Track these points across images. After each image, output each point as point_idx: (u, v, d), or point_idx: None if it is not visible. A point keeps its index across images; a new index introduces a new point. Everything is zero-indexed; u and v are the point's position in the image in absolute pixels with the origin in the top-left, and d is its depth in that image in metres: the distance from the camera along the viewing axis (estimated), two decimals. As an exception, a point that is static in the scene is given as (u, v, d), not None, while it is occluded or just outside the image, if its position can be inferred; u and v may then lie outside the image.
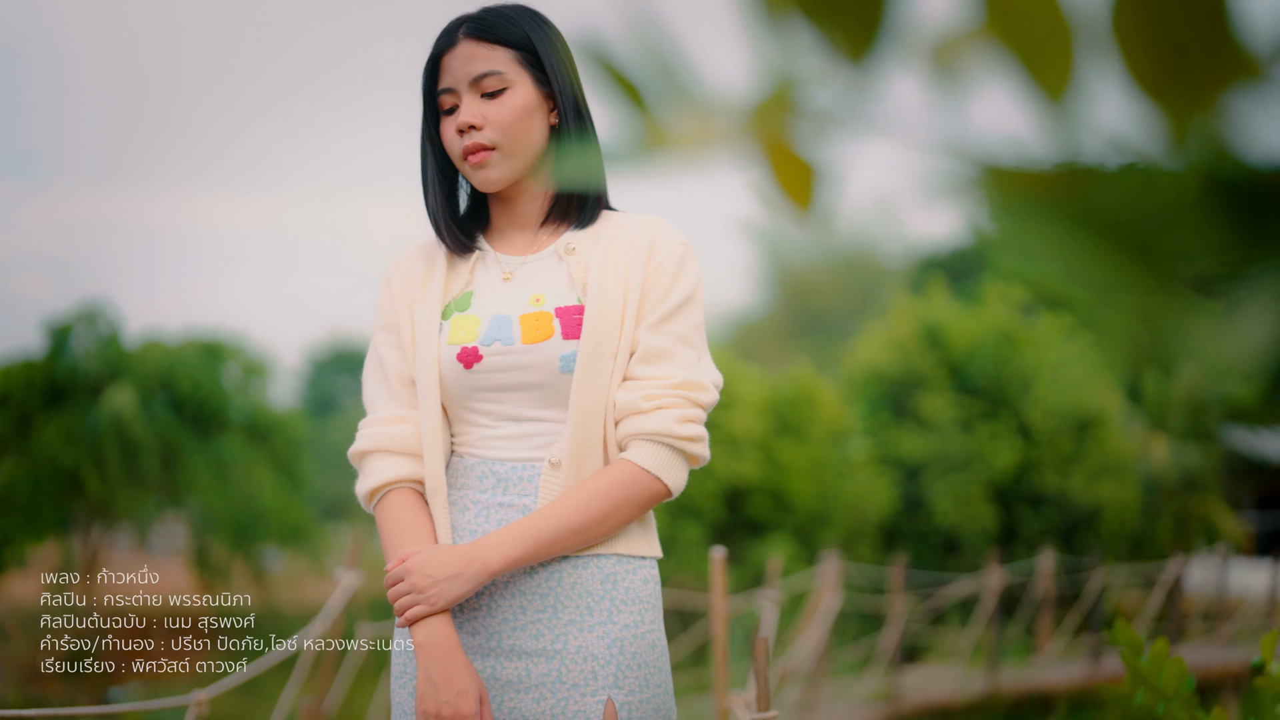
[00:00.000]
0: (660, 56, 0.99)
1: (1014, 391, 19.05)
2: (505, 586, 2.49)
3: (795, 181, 1.00)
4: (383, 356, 2.62)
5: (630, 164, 1.04)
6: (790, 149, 0.98)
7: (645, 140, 1.01)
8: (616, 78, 0.99)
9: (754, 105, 0.97)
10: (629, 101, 1.00)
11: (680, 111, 0.99)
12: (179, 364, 22.82)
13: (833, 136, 0.97)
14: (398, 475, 2.55)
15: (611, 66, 0.99)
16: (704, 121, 0.99)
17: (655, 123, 1.00)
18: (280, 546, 24.88)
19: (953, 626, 16.76)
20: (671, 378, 2.49)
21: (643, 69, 0.99)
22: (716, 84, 1.00)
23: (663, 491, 2.50)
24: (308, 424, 28.15)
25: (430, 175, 2.64)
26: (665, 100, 0.99)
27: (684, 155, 1.02)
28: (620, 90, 0.99)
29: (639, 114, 1.00)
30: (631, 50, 0.98)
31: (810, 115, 0.96)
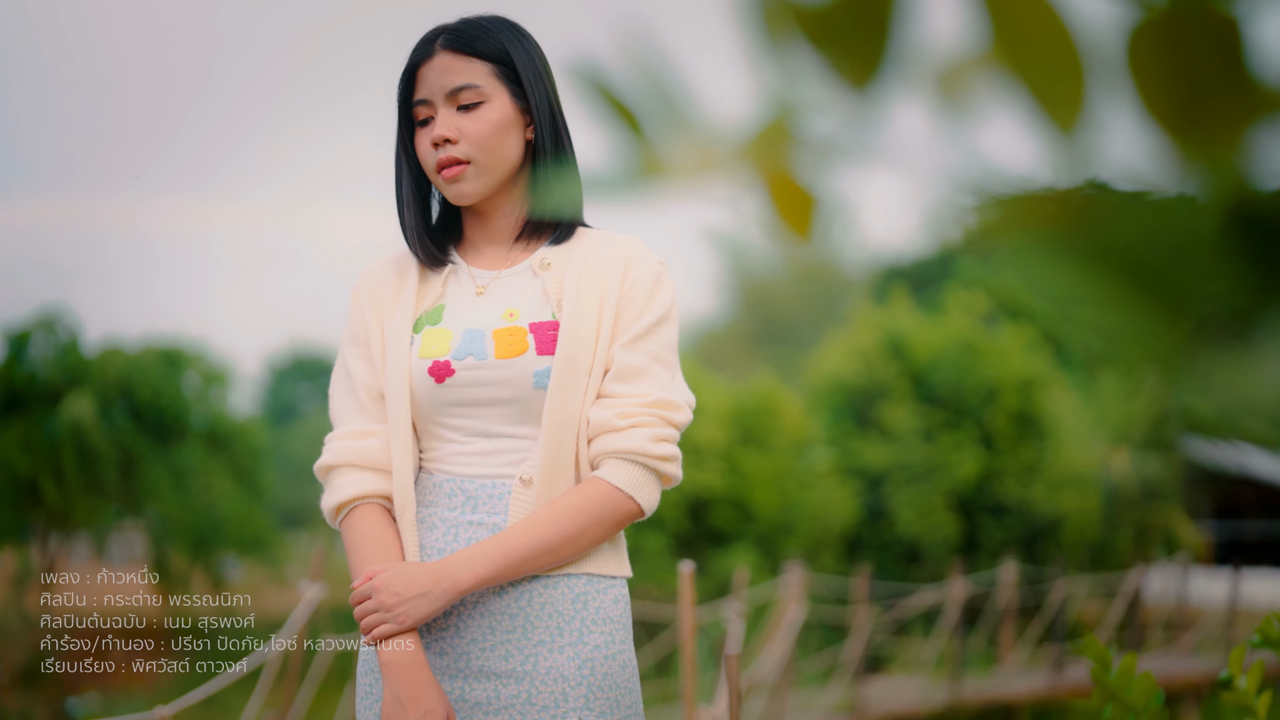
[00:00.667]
0: (657, 82, 0.96)
1: (976, 401, 19.11)
2: (474, 606, 2.46)
3: (795, 211, 0.98)
4: (351, 369, 2.58)
5: (625, 192, 1.01)
6: (791, 178, 0.95)
7: (641, 167, 0.99)
8: (613, 104, 0.97)
9: (753, 133, 0.95)
10: (625, 128, 0.97)
11: (677, 139, 0.97)
12: (138, 371, 22.67)
13: (835, 165, 0.95)
14: (365, 490, 2.51)
15: (608, 92, 0.96)
16: (702, 149, 0.96)
17: (651, 150, 0.97)
18: (239, 556, 24.74)
19: (915, 637, 16.79)
20: (646, 396, 2.47)
21: (639, 95, 0.96)
22: (715, 111, 0.97)
23: (635, 511, 2.48)
24: (268, 432, 28.01)
25: (405, 187, 2.61)
26: (662, 127, 0.97)
27: (681, 183, 1.00)
28: (616, 116, 0.97)
29: (635, 141, 0.97)
30: (628, 75, 0.96)
31: (812, 144, 0.94)
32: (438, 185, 2.56)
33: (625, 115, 0.97)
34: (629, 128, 0.98)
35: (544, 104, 2.55)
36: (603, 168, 1.01)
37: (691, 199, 1.03)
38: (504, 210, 2.60)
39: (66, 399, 21.68)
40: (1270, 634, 2.49)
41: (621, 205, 1.01)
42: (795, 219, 0.99)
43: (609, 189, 1.01)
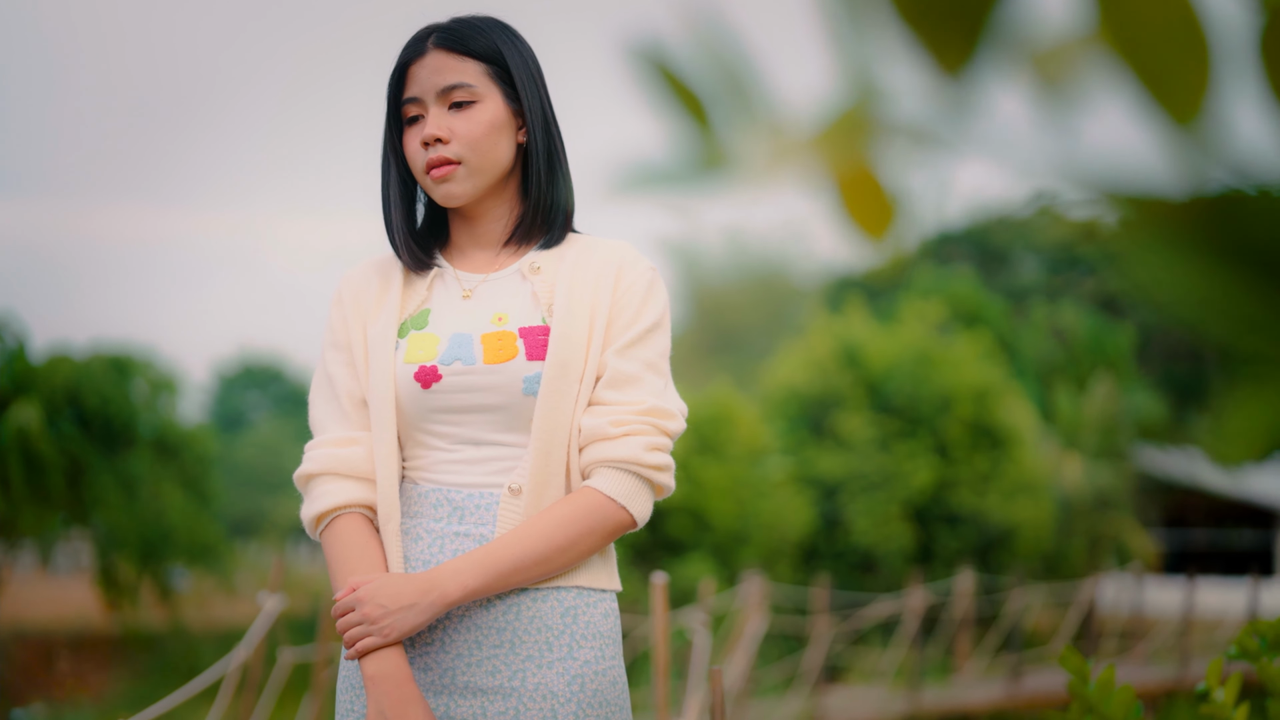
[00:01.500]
0: (726, 64, 0.89)
1: (931, 410, 19.16)
2: (460, 620, 2.39)
3: (871, 208, 0.91)
4: (333, 375, 2.51)
5: (687, 184, 0.94)
6: (869, 171, 0.89)
7: (705, 158, 0.92)
8: (676, 87, 0.90)
9: (830, 120, 0.88)
10: (688, 114, 0.91)
11: (746, 126, 0.90)
12: (86, 379, 22.46)
13: (922, 156, 0.88)
14: (347, 500, 2.44)
15: (671, 74, 0.90)
16: (773, 138, 0.90)
17: (716, 140, 0.91)
18: (188, 565, 24.55)
19: (872, 647, 16.79)
20: (640, 404, 2.41)
21: (705, 78, 0.89)
22: (788, 96, 0.91)
23: (628, 522, 2.42)
24: (216, 440, 27.78)
25: (392, 188, 2.54)
26: (729, 113, 0.90)
27: (749, 175, 0.93)
28: (679, 101, 0.90)
29: (698, 129, 0.91)
30: (693, 57, 0.89)
31: (897, 132, 0.87)
32: (425, 186, 2.50)
33: (689, 100, 0.91)
34: (692, 114, 0.91)
35: (537, 106, 2.50)
36: (663, 158, 0.94)
37: (760, 192, 0.96)
38: (493, 214, 2.54)
39: (13, 407, 21.43)
40: (1248, 646, 2.46)
41: (683, 199, 0.95)
42: (870, 216, 0.93)
43: (669, 182, 0.95)
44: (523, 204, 2.54)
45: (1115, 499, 22.20)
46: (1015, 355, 23.40)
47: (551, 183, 2.52)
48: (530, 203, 2.51)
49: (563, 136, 2.55)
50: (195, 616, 25.12)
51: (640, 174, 0.95)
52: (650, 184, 0.95)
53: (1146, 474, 25.60)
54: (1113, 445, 22.93)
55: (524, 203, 2.54)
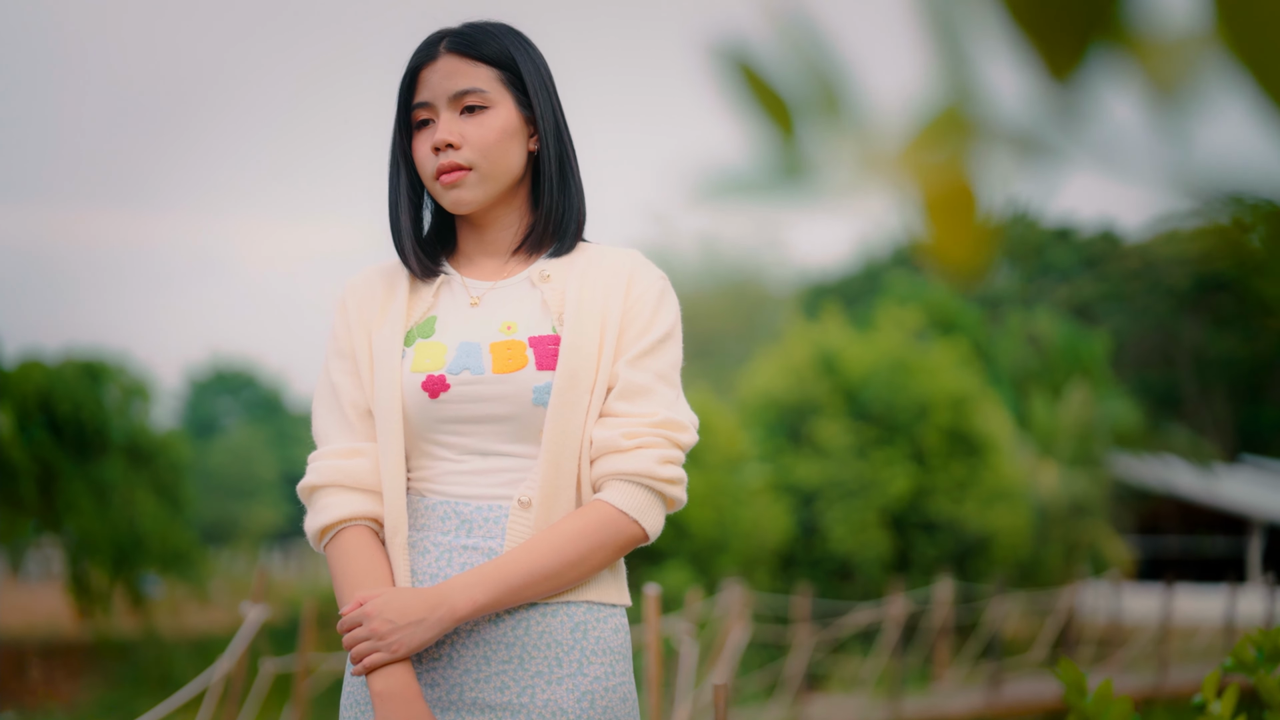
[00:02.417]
0: (814, 65, 0.85)
1: (908, 417, 19.17)
2: (468, 635, 2.35)
3: (961, 223, 0.86)
4: (337, 384, 2.46)
5: (768, 193, 0.90)
6: (963, 182, 0.84)
7: (787, 166, 0.87)
8: (760, 90, 0.85)
9: (923, 126, 0.84)
10: (772, 119, 0.86)
11: (833, 132, 0.86)
12: (58, 384, 22.30)
13: (1026, 165, 0.84)
14: (352, 512, 2.39)
15: (755, 76, 0.85)
16: (861, 145, 0.85)
17: (799, 146, 0.86)
18: (161, 573, 24.41)
19: (851, 655, 16.78)
20: (653, 416, 2.38)
21: (792, 80, 0.85)
22: (878, 98, 0.86)
23: (640, 536, 2.38)
24: (188, 446, 27.64)
25: (402, 193, 2.49)
26: (816, 118, 0.85)
27: (834, 184, 0.88)
28: (764, 105, 0.86)
29: (781, 135, 0.86)
30: (780, 57, 0.84)
31: (998, 139, 0.83)
32: (434, 192, 2.46)
33: (773, 103, 0.86)
34: (776, 118, 0.86)
35: (549, 113, 2.46)
36: (745, 165, 0.90)
37: (844, 204, 0.91)
38: (502, 222, 2.50)
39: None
40: (1244, 657, 2.43)
41: (763, 207, 0.90)
42: (960, 233, 0.88)
43: (751, 190, 0.90)
44: (533, 212, 2.50)
45: (1090, 506, 22.24)
46: (991, 362, 23.44)
47: (563, 191, 2.48)
48: (541, 211, 2.48)
49: (574, 144, 2.52)
50: (168, 624, 24.98)
51: (721, 182, 0.90)
52: (731, 192, 0.90)
53: (1121, 481, 25.68)
54: (1088, 452, 22.98)
55: (534, 211, 2.50)
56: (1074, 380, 24.24)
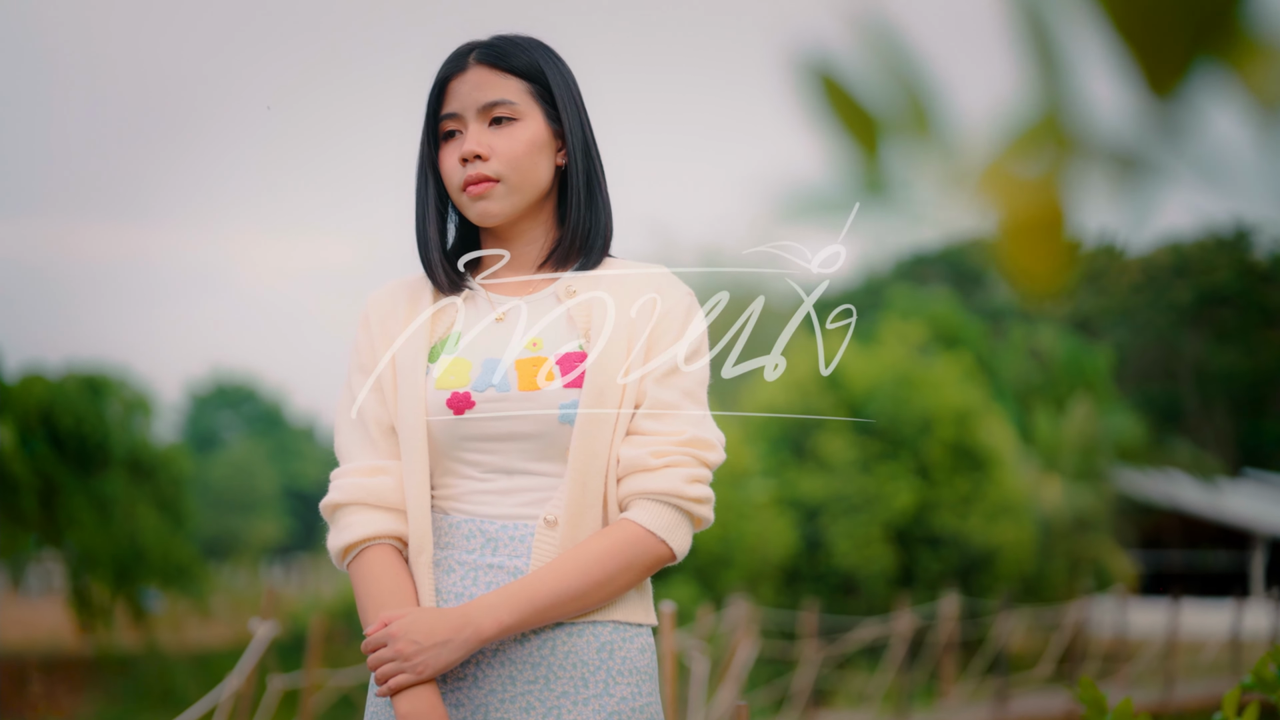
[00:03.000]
0: (898, 76, 0.82)
1: (912, 432, 19.13)
2: (493, 655, 2.33)
3: (1047, 241, 0.83)
4: (359, 401, 2.43)
5: (848, 211, 0.87)
6: (1051, 198, 0.81)
7: (867, 183, 0.84)
8: (842, 102, 0.82)
9: (1012, 140, 0.81)
10: (853, 133, 0.83)
11: (916, 147, 0.83)
12: (60, 399, 22.28)
13: (1122, 180, 0.81)
14: (376, 531, 2.37)
15: (838, 87, 0.82)
16: (947, 160, 0.82)
17: (879, 162, 0.83)
18: (162, 587, 24.37)
19: (858, 670, 16.72)
20: (680, 434, 2.35)
21: (875, 92, 0.82)
22: (964, 112, 0.83)
23: (667, 555, 2.36)
24: (189, 460, 27.61)
25: (430, 204, 2.47)
26: (899, 132, 0.82)
27: (917, 202, 0.85)
28: (846, 119, 0.82)
29: (861, 150, 0.83)
30: (862, 69, 0.81)
31: (1093, 154, 0.80)
32: (460, 204, 2.43)
33: (855, 116, 0.83)
34: (857, 133, 0.83)
35: (577, 128, 2.45)
36: (824, 181, 0.87)
37: (926, 222, 0.88)
38: (528, 236, 2.47)
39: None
40: (1264, 675, 2.40)
41: (839, 226, 0.87)
42: (1045, 251, 0.85)
43: (829, 208, 0.87)
44: (559, 228, 2.48)
45: (1094, 520, 22.20)
46: (994, 376, 23.39)
47: (590, 206, 2.46)
48: (568, 226, 2.45)
49: (602, 160, 2.50)
50: (169, 639, 24.94)
51: (801, 200, 0.87)
52: (811, 210, 0.87)
53: (1124, 495, 25.64)
54: (1091, 467, 22.94)
55: (560, 226, 2.48)
56: (1077, 394, 24.21)
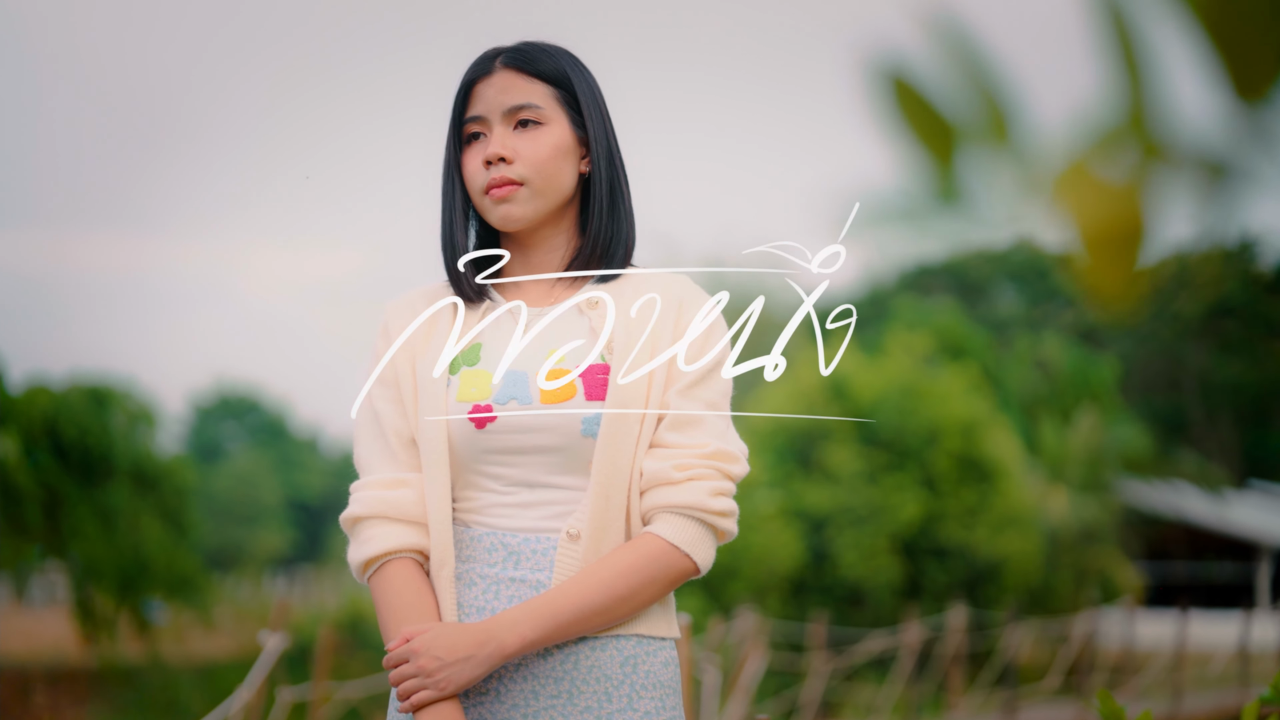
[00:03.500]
0: (977, 81, 0.79)
1: (918, 443, 19.10)
2: (516, 670, 2.31)
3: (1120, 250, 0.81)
4: (380, 413, 2.41)
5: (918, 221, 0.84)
6: (1130, 205, 0.78)
7: (940, 191, 0.82)
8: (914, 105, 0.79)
9: (1091, 146, 0.78)
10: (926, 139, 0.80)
11: (997, 153, 0.80)
12: (64, 410, 22.26)
13: (1205, 187, 0.78)
14: (398, 544, 2.34)
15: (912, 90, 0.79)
16: (1024, 166, 0.79)
17: (953, 169, 0.80)
18: (166, 598, 24.35)
19: (864, 682, 16.66)
20: (704, 447, 2.33)
21: (949, 96, 0.79)
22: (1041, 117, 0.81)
23: (691, 569, 2.34)
24: (193, 471, 27.61)
25: (457, 209, 2.44)
26: (978, 138, 0.80)
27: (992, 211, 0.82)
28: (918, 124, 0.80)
29: (934, 157, 0.80)
30: (936, 72, 0.79)
31: (1177, 160, 0.77)
32: (482, 208, 2.41)
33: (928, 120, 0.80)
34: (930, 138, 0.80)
35: (602, 136, 2.43)
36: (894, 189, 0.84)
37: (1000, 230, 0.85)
38: (550, 243, 2.45)
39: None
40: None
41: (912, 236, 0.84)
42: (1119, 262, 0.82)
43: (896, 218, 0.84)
44: (580, 236, 2.45)
45: (1100, 532, 22.16)
46: (999, 388, 23.35)
47: (613, 215, 2.44)
48: (590, 235, 2.43)
49: (627, 170, 2.48)
50: (173, 650, 24.92)
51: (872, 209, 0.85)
52: (882, 221, 0.84)
53: (1129, 506, 25.59)
54: (1097, 478, 22.90)
55: (582, 235, 2.46)
56: (1083, 406, 24.17)
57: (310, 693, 6.84)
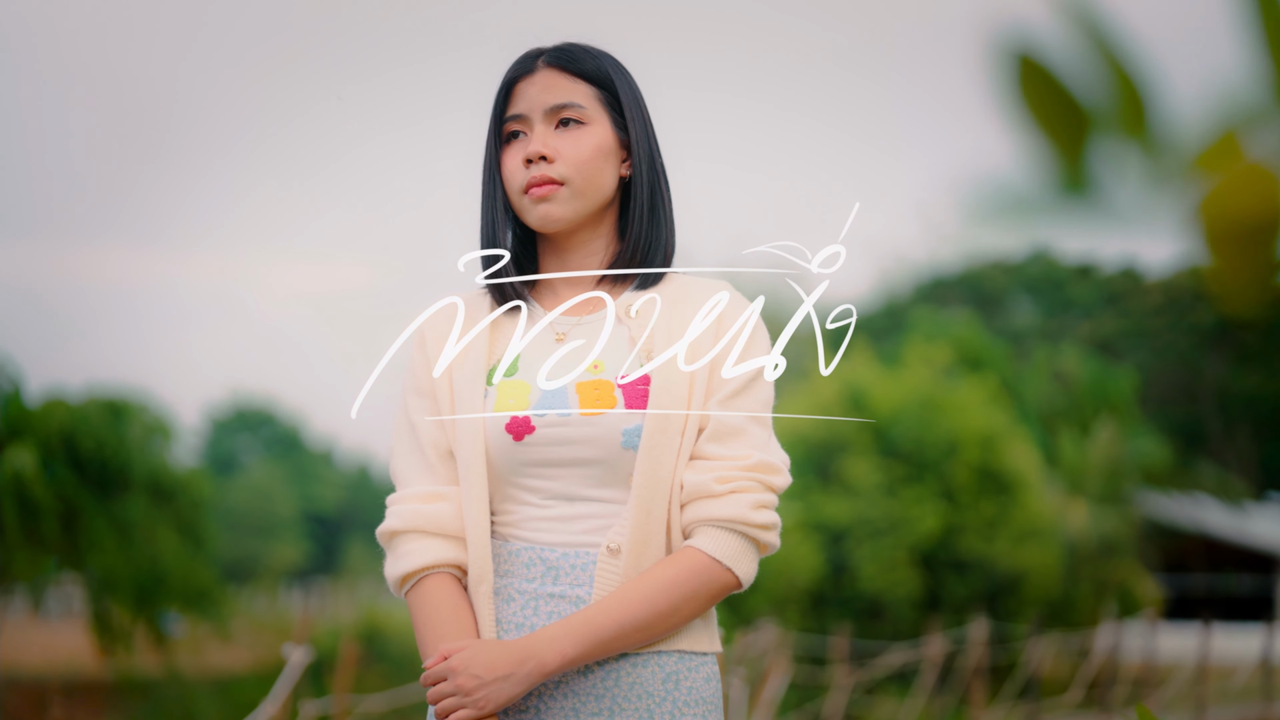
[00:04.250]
0: (1111, 62, 0.73)
1: (937, 455, 19.01)
2: (556, 687, 2.27)
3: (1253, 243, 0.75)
4: (416, 425, 2.37)
5: (1044, 212, 0.78)
6: (1269, 194, 0.73)
7: (1066, 180, 0.76)
8: (1046, 88, 0.74)
9: (1229, 133, 0.72)
10: (1053, 122, 0.74)
11: (1132, 139, 0.74)
12: (82, 422, 22.31)
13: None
14: (435, 559, 2.30)
15: (1042, 70, 0.73)
16: (1158, 154, 0.74)
17: (1081, 156, 0.74)
18: (182, 611, 24.36)
19: (885, 696, 16.58)
20: (746, 459, 2.29)
21: (1081, 78, 0.73)
22: (1176, 102, 0.75)
23: (733, 584, 2.31)
24: (209, 484, 27.64)
25: (499, 209, 2.39)
26: (1113, 123, 0.74)
27: (1119, 201, 0.76)
28: (1045, 107, 0.74)
29: (1066, 142, 0.74)
30: (1070, 53, 0.73)
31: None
32: (520, 208, 2.36)
33: (1062, 104, 0.74)
34: (1062, 122, 0.74)
35: (644, 139, 2.39)
36: (1016, 178, 0.78)
37: (1127, 224, 0.79)
38: (588, 247, 2.40)
39: (8, 450, 21.23)
40: None
41: (1033, 227, 0.78)
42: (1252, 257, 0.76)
43: (1019, 209, 0.78)
44: (619, 241, 2.41)
45: (1120, 544, 22.05)
46: (1018, 399, 23.26)
47: (652, 220, 2.40)
48: (629, 239, 2.38)
49: (668, 175, 2.43)
50: (190, 663, 24.93)
51: (993, 198, 0.79)
52: (1002, 211, 0.79)
53: (1148, 518, 25.48)
54: (1117, 490, 22.81)
55: (621, 240, 2.41)
56: (1101, 417, 24.07)
57: (332, 706, 6.80)
